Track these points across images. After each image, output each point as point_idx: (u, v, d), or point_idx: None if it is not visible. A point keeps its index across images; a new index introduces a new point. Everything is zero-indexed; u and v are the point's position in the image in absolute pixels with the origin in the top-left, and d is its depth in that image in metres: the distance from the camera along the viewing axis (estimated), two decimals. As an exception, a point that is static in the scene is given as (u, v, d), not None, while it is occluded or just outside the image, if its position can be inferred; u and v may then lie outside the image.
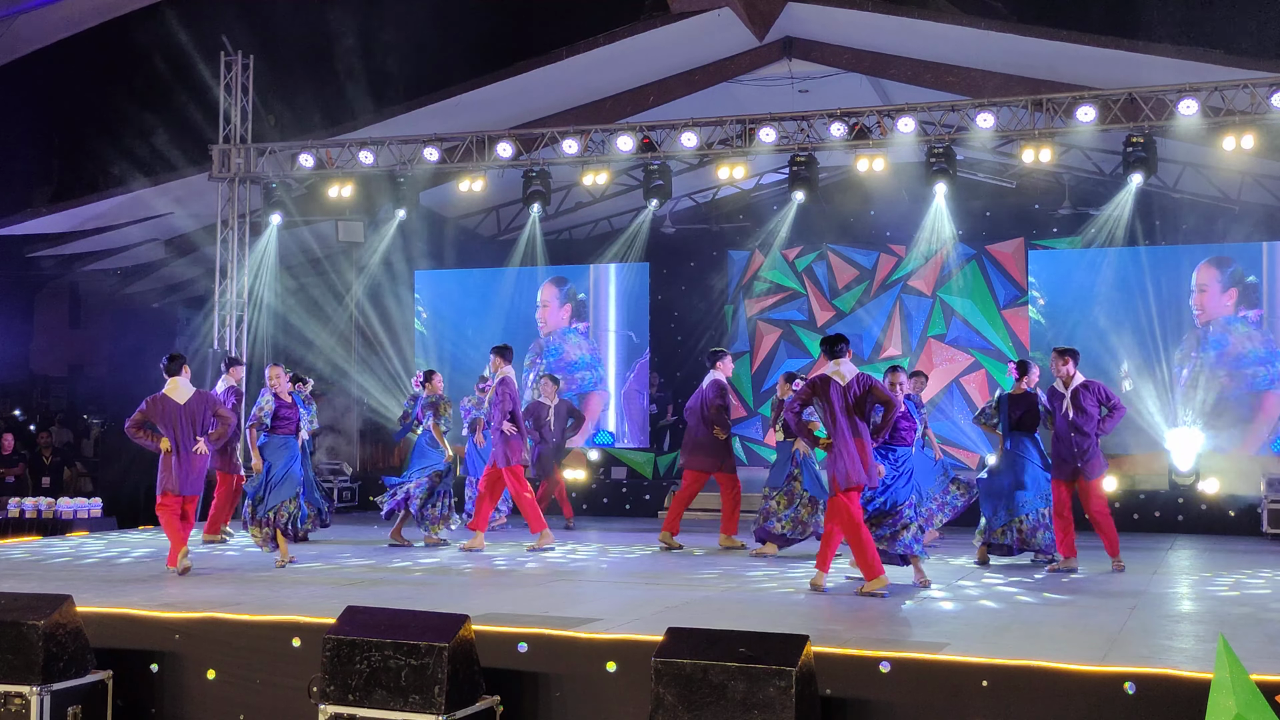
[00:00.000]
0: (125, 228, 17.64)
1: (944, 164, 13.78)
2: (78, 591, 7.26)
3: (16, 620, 6.54)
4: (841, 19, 14.14)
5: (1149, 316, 16.59)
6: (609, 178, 15.63)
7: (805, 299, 20.41)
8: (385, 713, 5.98)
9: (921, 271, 19.53)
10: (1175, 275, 16.94)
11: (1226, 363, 16.17)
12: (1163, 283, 16.90)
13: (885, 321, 19.83)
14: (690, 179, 18.83)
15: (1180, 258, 16.88)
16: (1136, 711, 5.65)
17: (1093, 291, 17.04)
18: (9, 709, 6.42)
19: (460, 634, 6.04)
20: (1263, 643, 6.75)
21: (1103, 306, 16.84)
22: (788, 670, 5.52)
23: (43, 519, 13.65)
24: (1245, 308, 16.30)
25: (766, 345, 20.63)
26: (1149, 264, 16.84)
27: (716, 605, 8.13)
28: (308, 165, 15.45)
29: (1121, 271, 16.86)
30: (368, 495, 16.79)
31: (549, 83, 15.02)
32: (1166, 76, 13.02)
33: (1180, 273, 16.90)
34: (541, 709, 6.54)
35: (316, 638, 6.50)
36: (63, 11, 14.15)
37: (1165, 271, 16.93)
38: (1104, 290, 16.92)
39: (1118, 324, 16.67)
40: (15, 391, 21.84)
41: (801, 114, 14.16)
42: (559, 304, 19.28)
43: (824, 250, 19.97)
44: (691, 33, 14.22)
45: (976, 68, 14.46)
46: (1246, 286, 16.27)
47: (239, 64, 15.76)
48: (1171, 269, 16.92)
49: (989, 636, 6.92)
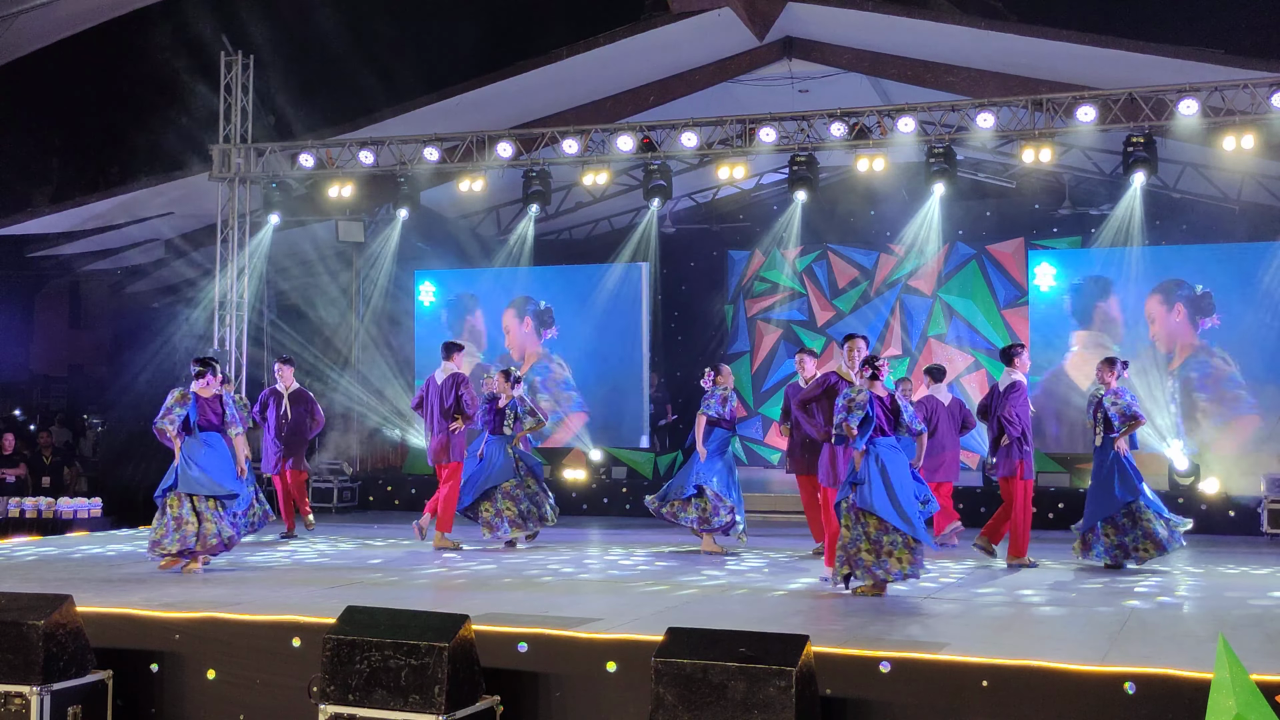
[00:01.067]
0: (125, 228, 17.64)
1: (944, 164, 13.78)
2: (78, 591, 7.25)
3: (17, 620, 6.54)
4: (841, 19, 14.14)
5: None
6: (609, 178, 15.63)
7: (805, 299, 20.42)
8: (385, 713, 5.98)
9: (921, 271, 19.53)
10: (1174, 275, 16.92)
11: (1206, 389, 16.05)
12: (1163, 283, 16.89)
13: (885, 321, 19.84)
14: (690, 179, 18.83)
15: (1181, 258, 16.87)
16: (1136, 711, 5.65)
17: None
18: (9, 709, 6.43)
19: (460, 634, 6.04)
20: (1263, 643, 6.75)
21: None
22: (788, 670, 5.52)
23: (43, 519, 13.66)
24: (1201, 316, 16.17)
25: (766, 345, 20.63)
26: (1149, 264, 16.84)
27: (716, 605, 8.13)
28: (308, 165, 15.45)
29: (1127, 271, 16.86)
30: (367, 495, 16.80)
31: (549, 83, 15.02)
32: (1166, 76, 13.02)
33: (1180, 273, 16.88)
34: (541, 709, 6.54)
35: (316, 638, 6.50)
36: (63, 11, 14.14)
37: (1163, 272, 16.93)
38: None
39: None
40: (15, 391, 21.85)
41: (801, 114, 14.15)
42: (520, 324, 19.09)
43: (824, 250, 19.97)
44: (691, 33, 14.22)
45: (976, 68, 14.47)
46: (1198, 297, 16.15)
47: (239, 64, 15.76)
48: (1171, 270, 16.90)
49: (989, 636, 6.92)
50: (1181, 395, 16.03)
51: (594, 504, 16.17)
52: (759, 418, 20.31)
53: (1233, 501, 13.79)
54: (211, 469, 9.71)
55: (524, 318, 19.26)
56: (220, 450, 9.87)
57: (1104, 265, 16.53)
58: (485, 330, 19.24)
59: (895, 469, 8.43)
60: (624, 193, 18.83)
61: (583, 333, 18.67)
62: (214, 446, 9.83)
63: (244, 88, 15.78)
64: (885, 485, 8.37)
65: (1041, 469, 15.18)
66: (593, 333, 18.57)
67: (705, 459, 11.30)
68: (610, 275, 19.04)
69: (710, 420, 11.36)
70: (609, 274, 19.07)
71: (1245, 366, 15.84)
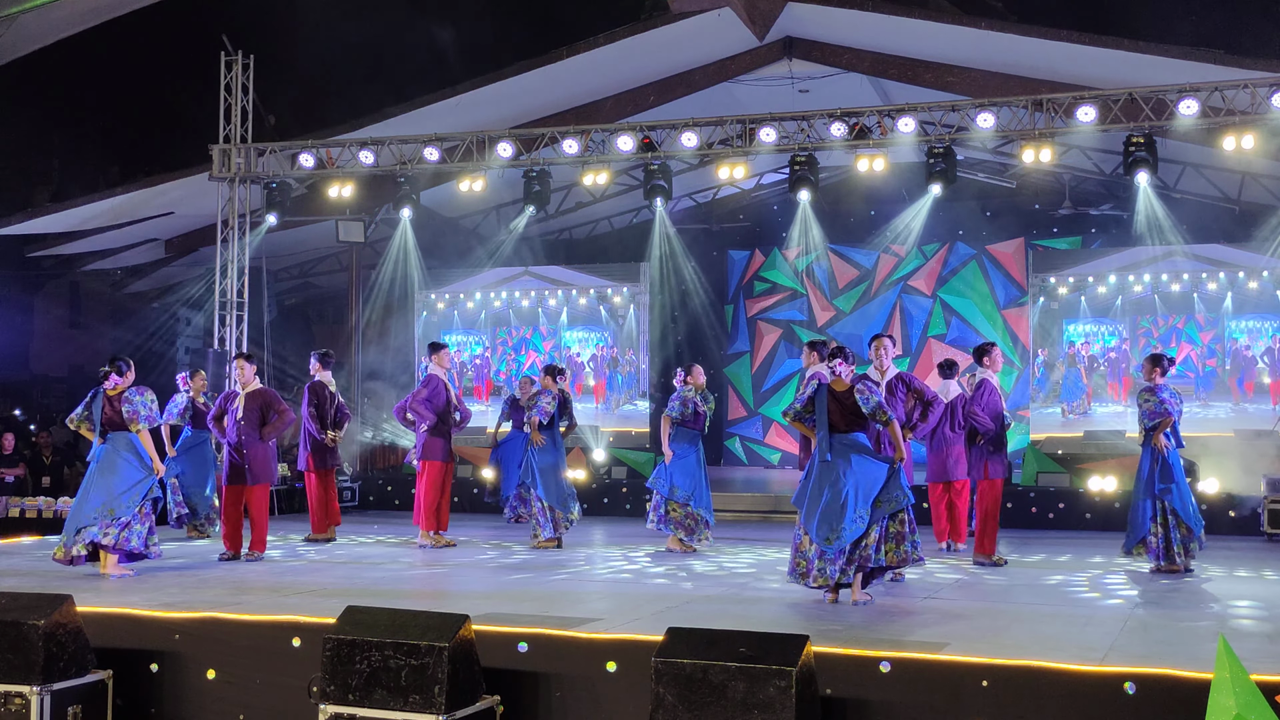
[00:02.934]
0: (125, 228, 17.64)
1: (944, 164, 13.78)
2: (78, 591, 7.25)
3: (17, 620, 6.54)
4: (841, 19, 14.14)
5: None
6: (609, 178, 15.63)
7: (805, 299, 20.43)
8: (385, 713, 5.97)
9: (921, 271, 19.54)
10: (1174, 275, 16.94)
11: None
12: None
13: (885, 321, 19.84)
14: (690, 179, 18.84)
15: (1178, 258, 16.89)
16: (1136, 711, 5.64)
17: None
18: (9, 709, 6.42)
19: (460, 634, 6.04)
20: (1263, 643, 6.75)
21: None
22: (788, 670, 5.52)
23: (43, 519, 13.65)
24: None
25: (766, 345, 20.64)
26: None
27: (716, 605, 8.13)
28: (308, 165, 15.45)
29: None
30: (367, 495, 16.80)
31: (549, 83, 15.02)
32: (1166, 76, 13.03)
33: (1177, 273, 16.89)
34: (541, 709, 6.54)
35: (316, 638, 6.50)
36: (63, 11, 14.14)
37: (1164, 272, 16.94)
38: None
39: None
40: (15, 391, 21.84)
41: (801, 114, 14.16)
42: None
43: (824, 250, 19.97)
44: (691, 33, 14.23)
45: (976, 68, 14.47)
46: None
47: (239, 64, 15.76)
48: (1169, 269, 16.92)
49: (989, 636, 6.92)
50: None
51: (594, 504, 16.16)
52: (759, 418, 20.33)
53: (1233, 501, 13.78)
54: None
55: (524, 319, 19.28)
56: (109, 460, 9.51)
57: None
58: (484, 329, 19.25)
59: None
60: (624, 193, 18.84)
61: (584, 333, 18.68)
62: (102, 459, 9.51)
63: (244, 88, 15.78)
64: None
65: (1042, 469, 15.19)
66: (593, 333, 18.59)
67: (670, 460, 11.34)
68: (611, 275, 19.05)
69: (674, 420, 11.38)
70: (609, 274, 19.09)
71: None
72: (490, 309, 19.48)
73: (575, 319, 19.15)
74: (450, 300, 19.59)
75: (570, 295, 19.17)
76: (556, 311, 19.22)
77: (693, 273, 19.84)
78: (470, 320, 19.51)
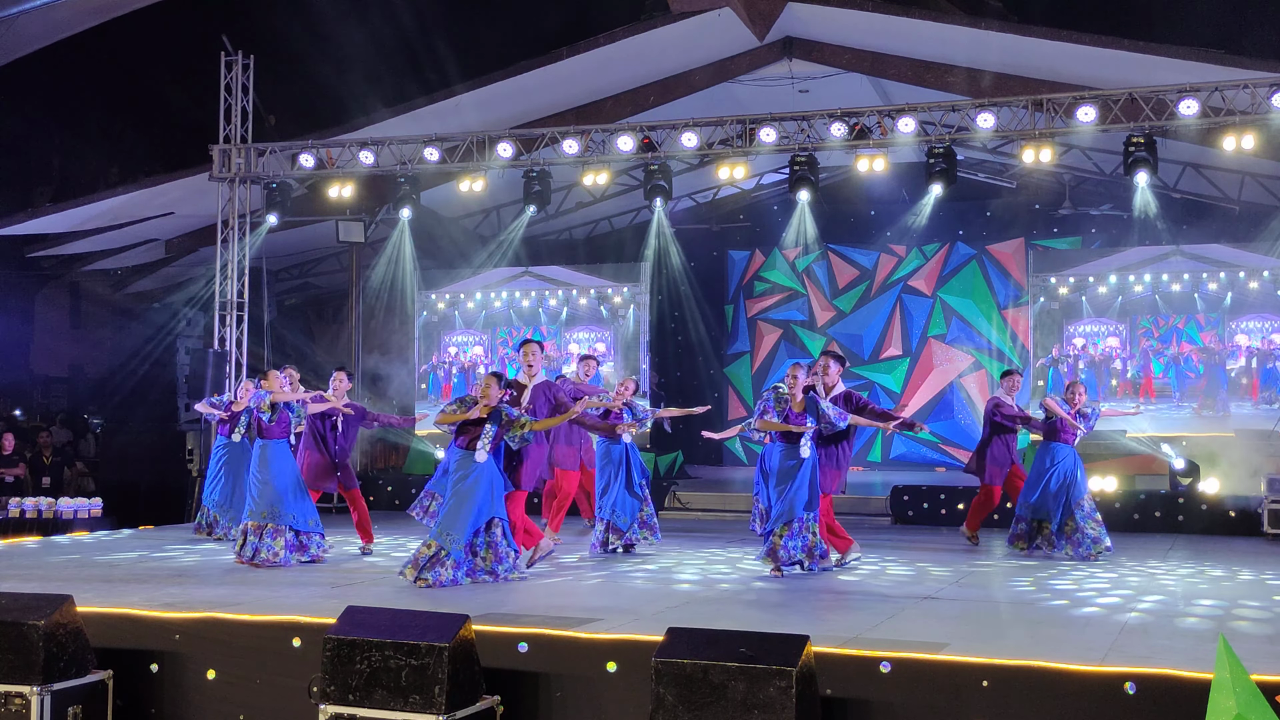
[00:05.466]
0: (125, 228, 17.64)
1: (944, 164, 13.78)
2: (78, 591, 7.25)
3: (17, 620, 6.54)
4: (841, 19, 14.14)
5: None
6: (609, 178, 15.63)
7: (805, 299, 20.42)
8: (385, 713, 5.98)
9: (921, 271, 19.53)
10: (1174, 275, 16.94)
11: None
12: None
13: (885, 321, 19.84)
14: (690, 179, 18.84)
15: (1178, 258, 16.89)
16: (1136, 711, 5.64)
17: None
18: (9, 709, 6.42)
19: (460, 634, 6.04)
20: (1263, 643, 6.75)
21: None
22: (788, 670, 5.52)
23: (43, 519, 13.64)
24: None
25: (766, 345, 20.64)
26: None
27: (716, 605, 8.13)
28: (308, 165, 15.44)
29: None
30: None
31: (549, 83, 15.02)
32: (1166, 76, 13.02)
33: (1177, 273, 16.89)
34: (541, 709, 6.54)
35: (316, 638, 6.50)
36: (63, 11, 14.14)
37: (1164, 272, 16.94)
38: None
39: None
40: (15, 391, 21.83)
41: (801, 114, 14.15)
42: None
43: (824, 250, 19.98)
44: (691, 33, 14.22)
45: (976, 68, 14.46)
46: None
47: (239, 64, 15.76)
48: (1170, 269, 16.93)
49: (989, 636, 6.92)
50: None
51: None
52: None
53: (1233, 501, 13.78)
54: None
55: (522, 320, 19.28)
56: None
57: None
58: (484, 330, 19.25)
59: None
60: (624, 193, 18.83)
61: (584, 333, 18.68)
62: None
63: (244, 88, 15.77)
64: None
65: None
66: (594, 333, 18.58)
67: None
68: (611, 275, 19.05)
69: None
70: (609, 274, 19.08)
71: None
72: (490, 309, 19.49)
73: (575, 319, 19.15)
74: (450, 300, 19.59)
75: (570, 295, 19.18)
76: (557, 311, 19.22)
77: (693, 273, 19.85)
78: (470, 320, 19.52)
